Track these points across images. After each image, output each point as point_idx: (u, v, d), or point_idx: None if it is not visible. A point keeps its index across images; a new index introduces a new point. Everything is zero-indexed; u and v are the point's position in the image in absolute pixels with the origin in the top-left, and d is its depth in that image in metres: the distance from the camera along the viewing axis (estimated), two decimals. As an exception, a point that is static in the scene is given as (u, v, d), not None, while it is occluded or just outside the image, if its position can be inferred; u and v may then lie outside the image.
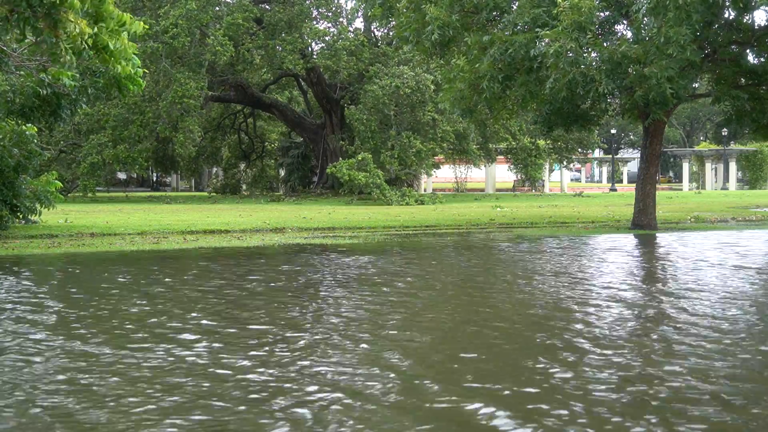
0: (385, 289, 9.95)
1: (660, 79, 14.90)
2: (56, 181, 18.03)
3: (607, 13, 17.56)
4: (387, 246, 16.09)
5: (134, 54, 9.05)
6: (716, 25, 17.22)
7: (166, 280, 11.05)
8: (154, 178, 69.91)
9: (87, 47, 7.88)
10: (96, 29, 7.85)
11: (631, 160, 75.78)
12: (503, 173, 57.85)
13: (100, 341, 6.92)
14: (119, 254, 14.56)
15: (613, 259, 13.68)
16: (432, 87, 34.16)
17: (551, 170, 58.62)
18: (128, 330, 7.39)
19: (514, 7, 17.07)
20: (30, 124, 16.58)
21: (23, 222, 18.32)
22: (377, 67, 35.65)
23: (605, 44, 16.36)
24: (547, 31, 15.31)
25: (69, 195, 33.17)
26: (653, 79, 14.97)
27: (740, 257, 13.49)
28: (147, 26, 9.92)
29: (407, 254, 14.71)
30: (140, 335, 7.15)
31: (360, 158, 33.36)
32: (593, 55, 16.23)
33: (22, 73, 13.78)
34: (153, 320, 7.86)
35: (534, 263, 13.12)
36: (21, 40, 9.46)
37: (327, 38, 36.46)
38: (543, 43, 15.23)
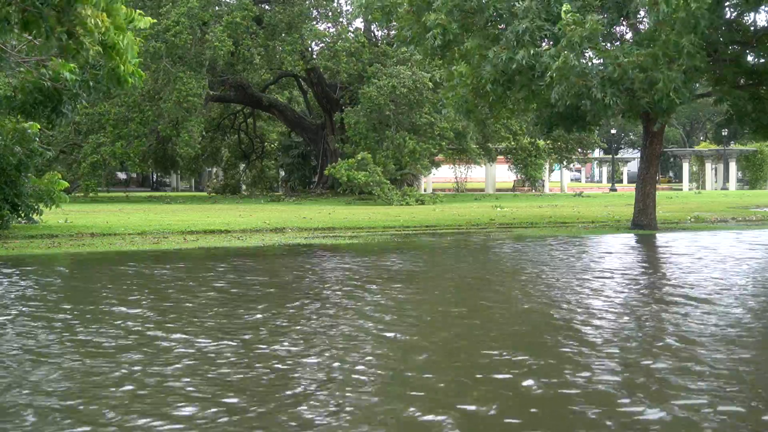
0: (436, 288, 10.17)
1: (667, 88, 14.79)
2: (62, 181, 17.93)
3: (605, 16, 17.51)
4: (405, 246, 16.10)
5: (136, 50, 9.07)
6: (714, 26, 17.18)
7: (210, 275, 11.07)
8: (154, 178, 69.90)
9: (98, 42, 7.92)
10: (104, 28, 7.90)
11: (631, 160, 75.76)
12: (503, 173, 57.85)
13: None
14: (128, 253, 14.57)
15: (639, 259, 13.70)
16: (430, 85, 34.16)
17: (551, 170, 58.61)
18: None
19: (516, 6, 16.96)
20: (32, 122, 16.55)
21: (24, 221, 18.29)
22: (375, 67, 35.65)
23: (607, 46, 16.21)
24: (550, 47, 15.25)
25: (69, 195, 33.12)
26: (660, 88, 14.85)
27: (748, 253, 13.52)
28: (154, 20, 9.96)
29: (424, 254, 14.71)
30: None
31: (359, 158, 33.36)
32: (596, 62, 16.16)
33: (21, 69, 13.77)
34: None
35: (566, 263, 13.12)
36: (30, 40, 9.47)
37: (327, 39, 36.46)
38: (546, 58, 15.13)
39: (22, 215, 17.67)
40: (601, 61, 15.67)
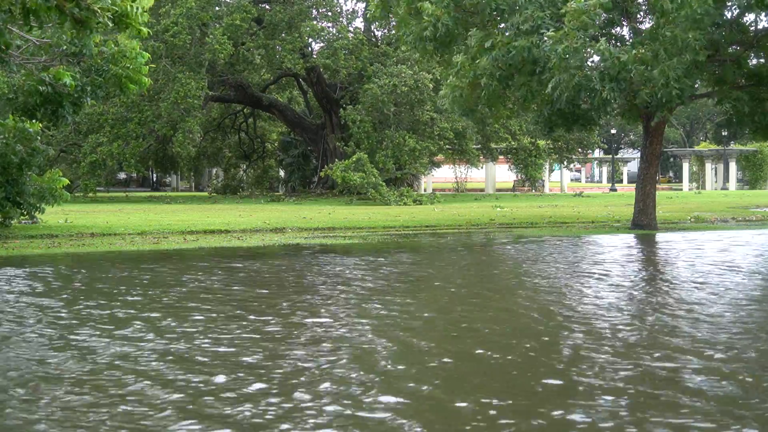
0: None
1: (669, 78, 14.76)
2: (63, 178, 17.86)
3: (607, 16, 17.47)
4: (426, 246, 16.11)
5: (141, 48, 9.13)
6: (717, 22, 17.16)
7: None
8: (154, 179, 69.87)
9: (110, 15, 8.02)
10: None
11: (631, 160, 75.73)
12: (503, 173, 57.79)
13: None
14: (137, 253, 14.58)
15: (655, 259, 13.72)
16: (431, 85, 34.14)
17: (551, 170, 58.56)
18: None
19: (517, 6, 16.95)
20: (34, 121, 16.55)
21: (29, 221, 18.26)
22: (376, 67, 35.62)
23: (602, 44, 16.14)
24: (552, 32, 15.22)
25: (70, 194, 33.08)
26: (661, 80, 14.83)
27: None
28: (152, 3, 10.05)
29: (439, 253, 14.74)
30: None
31: (356, 158, 33.30)
32: (595, 58, 16.13)
33: (23, 71, 13.77)
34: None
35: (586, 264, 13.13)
36: (29, 30, 9.50)
37: (326, 37, 36.44)
38: (548, 44, 15.10)
39: (25, 213, 17.66)
40: (600, 58, 15.65)
